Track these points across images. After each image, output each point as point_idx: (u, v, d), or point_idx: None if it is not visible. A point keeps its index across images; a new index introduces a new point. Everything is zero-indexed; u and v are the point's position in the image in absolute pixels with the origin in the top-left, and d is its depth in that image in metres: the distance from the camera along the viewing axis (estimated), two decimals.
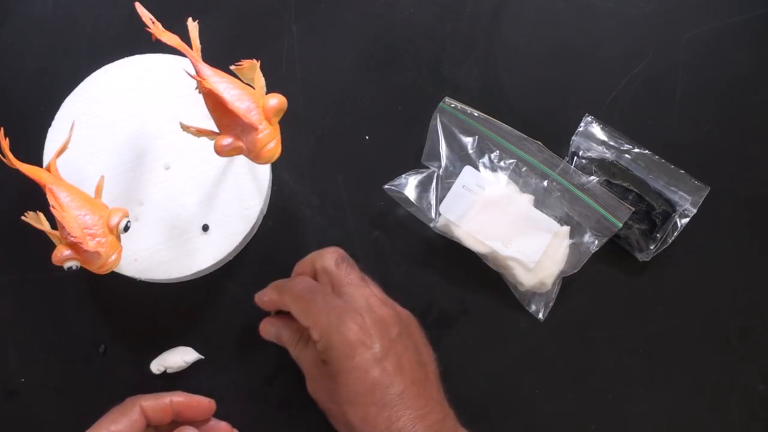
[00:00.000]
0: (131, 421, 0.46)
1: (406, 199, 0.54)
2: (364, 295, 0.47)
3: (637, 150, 0.54)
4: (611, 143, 0.55)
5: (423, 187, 0.54)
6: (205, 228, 0.51)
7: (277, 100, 0.42)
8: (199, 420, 0.49)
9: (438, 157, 0.54)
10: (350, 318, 0.45)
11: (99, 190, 0.45)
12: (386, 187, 0.54)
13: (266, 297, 0.50)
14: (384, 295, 0.49)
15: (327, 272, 0.48)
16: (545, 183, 0.53)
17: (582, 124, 0.55)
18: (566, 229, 0.53)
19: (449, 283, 0.54)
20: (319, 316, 0.45)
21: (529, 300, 0.53)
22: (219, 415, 0.52)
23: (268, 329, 0.51)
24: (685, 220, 0.53)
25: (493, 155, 0.54)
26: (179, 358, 0.52)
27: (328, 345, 0.44)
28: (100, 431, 0.45)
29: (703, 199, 0.53)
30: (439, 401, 0.45)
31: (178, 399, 0.48)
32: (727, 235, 0.55)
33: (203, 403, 0.49)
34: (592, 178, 0.53)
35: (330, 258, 0.49)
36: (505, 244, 0.52)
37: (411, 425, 0.43)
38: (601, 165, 0.54)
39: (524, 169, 0.54)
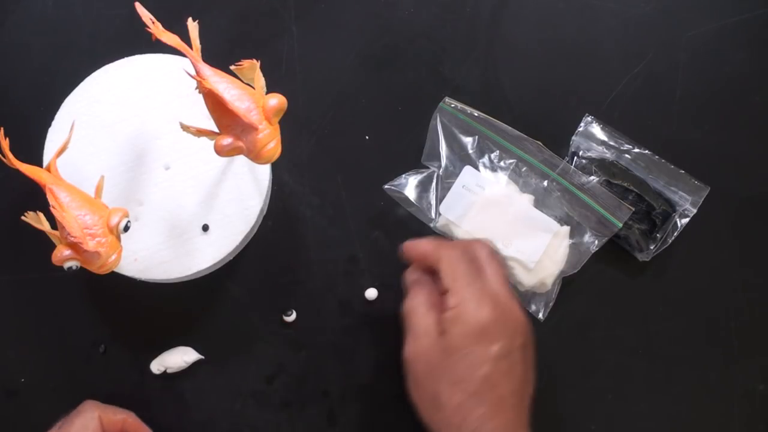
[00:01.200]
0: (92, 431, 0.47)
1: (406, 199, 0.54)
2: (506, 293, 0.46)
3: (637, 150, 0.54)
4: (611, 143, 0.55)
5: (423, 187, 0.54)
6: (205, 228, 0.51)
7: (277, 100, 0.42)
8: None
9: (438, 157, 0.54)
10: (491, 303, 0.44)
11: (99, 190, 0.45)
12: (386, 187, 0.54)
13: (421, 247, 0.48)
14: (513, 292, 0.47)
15: (473, 251, 0.47)
16: (545, 183, 0.53)
17: (582, 124, 0.55)
18: (566, 229, 0.53)
19: None
20: (465, 285, 0.44)
21: (529, 300, 0.53)
22: (219, 414, 0.52)
23: (413, 273, 0.48)
24: (685, 220, 0.53)
25: (493, 155, 0.54)
26: (179, 358, 0.52)
27: (458, 317, 0.43)
28: None
29: (703, 199, 0.53)
30: (524, 421, 0.45)
31: (129, 420, 0.49)
32: (727, 235, 0.55)
33: (143, 428, 0.50)
34: (592, 178, 0.53)
35: (483, 247, 0.47)
36: (505, 244, 0.52)
37: (497, 429, 0.43)
38: (601, 165, 0.54)
39: (524, 169, 0.54)
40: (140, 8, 0.45)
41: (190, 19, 0.45)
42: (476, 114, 0.54)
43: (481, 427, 0.42)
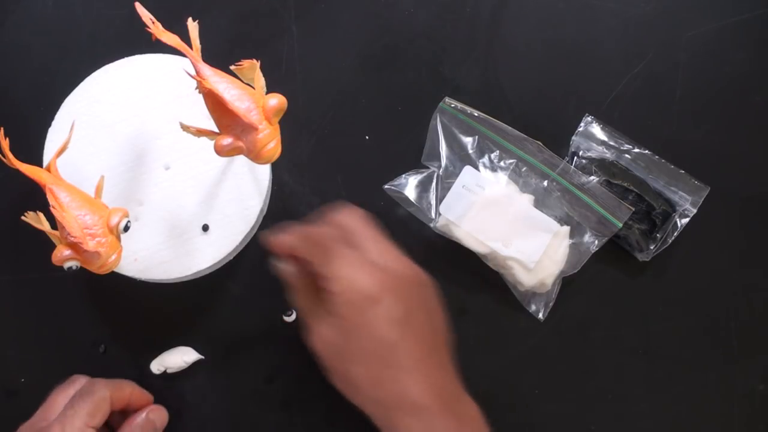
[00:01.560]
0: (104, 415, 0.46)
1: (406, 199, 0.54)
2: (381, 250, 0.45)
3: (637, 150, 0.54)
4: (611, 143, 0.55)
5: (423, 187, 0.54)
6: (205, 228, 0.51)
7: (277, 100, 0.42)
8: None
9: (438, 157, 0.54)
10: (368, 271, 0.43)
11: (99, 190, 0.45)
12: (386, 187, 0.54)
13: (286, 240, 0.46)
14: (402, 254, 0.47)
15: (346, 226, 0.46)
16: (545, 183, 0.53)
17: (582, 124, 0.55)
18: (566, 229, 0.53)
19: (449, 283, 0.54)
20: (338, 266, 0.43)
21: (529, 300, 0.53)
22: (219, 414, 0.52)
23: (288, 268, 0.47)
24: (685, 220, 0.53)
25: (493, 155, 0.54)
26: (179, 358, 0.52)
27: (342, 297, 0.43)
28: (76, 423, 0.45)
29: (703, 199, 0.53)
30: (447, 368, 0.44)
31: (135, 392, 0.50)
32: (727, 235, 0.55)
33: (147, 396, 0.51)
34: (592, 178, 0.53)
35: (350, 213, 0.47)
36: (505, 244, 0.52)
37: (416, 387, 0.42)
38: (601, 165, 0.54)
39: (524, 169, 0.54)
40: (140, 8, 0.45)
41: (190, 19, 0.45)
42: (476, 114, 0.54)
43: (399, 387, 0.41)
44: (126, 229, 0.43)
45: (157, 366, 0.53)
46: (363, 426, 0.53)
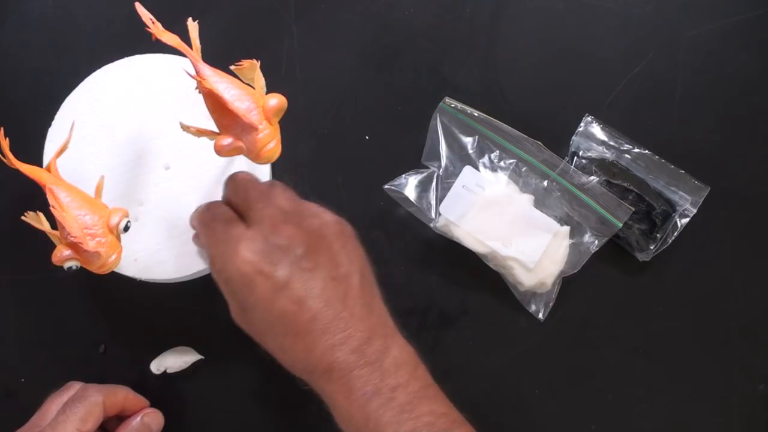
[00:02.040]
0: (96, 420, 0.46)
1: (406, 199, 0.54)
2: (268, 215, 0.42)
3: (637, 150, 0.54)
4: (611, 143, 0.55)
5: (423, 187, 0.54)
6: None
7: (277, 100, 0.42)
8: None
9: (438, 157, 0.54)
10: (246, 247, 0.40)
11: (99, 190, 0.45)
12: (386, 187, 0.54)
13: (191, 219, 0.46)
14: (298, 205, 0.43)
15: (237, 193, 0.44)
16: (545, 183, 0.53)
17: (582, 124, 0.55)
18: (566, 229, 0.53)
19: (449, 283, 0.54)
20: (217, 246, 0.41)
21: (529, 300, 0.53)
22: (219, 414, 0.52)
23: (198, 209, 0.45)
24: (685, 220, 0.53)
25: (493, 155, 0.54)
26: (179, 358, 0.52)
27: (227, 278, 0.41)
28: (68, 428, 0.45)
29: (703, 199, 0.53)
30: (363, 318, 0.41)
31: (129, 396, 0.49)
32: (727, 235, 0.55)
33: (142, 401, 0.50)
34: (592, 178, 0.53)
35: (244, 177, 0.44)
36: (505, 244, 0.52)
37: (329, 352, 0.39)
38: (601, 165, 0.54)
39: (524, 169, 0.54)
40: (140, 8, 0.45)
41: (190, 19, 0.45)
42: (476, 114, 0.54)
43: (309, 354, 0.39)
44: (126, 229, 0.43)
45: (157, 366, 0.53)
46: None
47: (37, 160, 0.51)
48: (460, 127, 0.54)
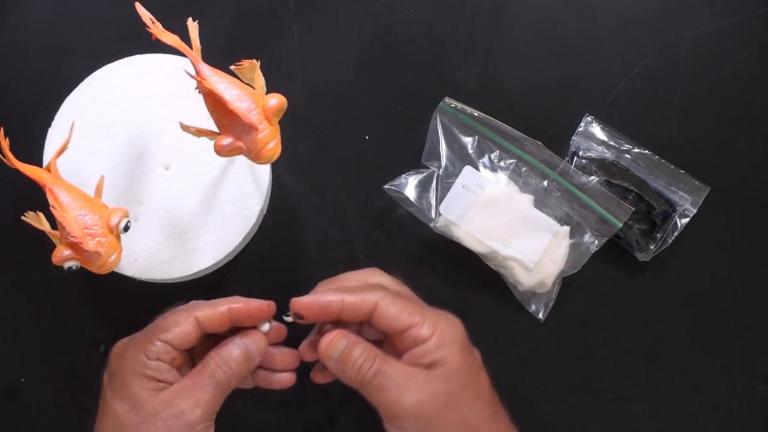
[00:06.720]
0: (184, 332, 0.43)
1: (406, 199, 0.54)
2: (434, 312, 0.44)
3: (637, 150, 0.54)
4: (611, 143, 0.55)
5: (423, 187, 0.54)
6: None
7: (277, 100, 0.42)
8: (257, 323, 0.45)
9: (438, 157, 0.54)
10: (449, 316, 0.44)
11: (99, 190, 0.45)
12: (386, 187, 0.54)
13: (331, 299, 0.42)
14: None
15: (385, 287, 0.44)
16: (545, 183, 0.53)
17: (582, 124, 0.55)
18: (566, 229, 0.53)
19: (449, 283, 0.54)
20: (424, 311, 0.42)
21: (529, 300, 0.53)
22: (219, 414, 0.52)
23: (338, 345, 0.43)
24: (685, 220, 0.53)
25: (493, 155, 0.54)
26: None
27: (442, 340, 0.41)
28: (151, 340, 0.43)
29: (703, 199, 0.53)
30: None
31: (235, 306, 0.44)
32: (727, 235, 0.55)
33: (263, 307, 0.44)
34: (592, 178, 0.53)
35: (381, 274, 0.46)
36: (505, 244, 0.52)
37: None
38: (601, 165, 0.54)
39: (524, 169, 0.54)
40: (140, 8, 0.45)
41: (190, 19, 0.45)
42: (476, 114, 0.54)
43: (501, 427, 0.43)
44: (126, 229, 0.43)
45: None
46: (363, 426, 0.53)
47: (37, 160, 0.51)
48: (460, 127, 0.54)
